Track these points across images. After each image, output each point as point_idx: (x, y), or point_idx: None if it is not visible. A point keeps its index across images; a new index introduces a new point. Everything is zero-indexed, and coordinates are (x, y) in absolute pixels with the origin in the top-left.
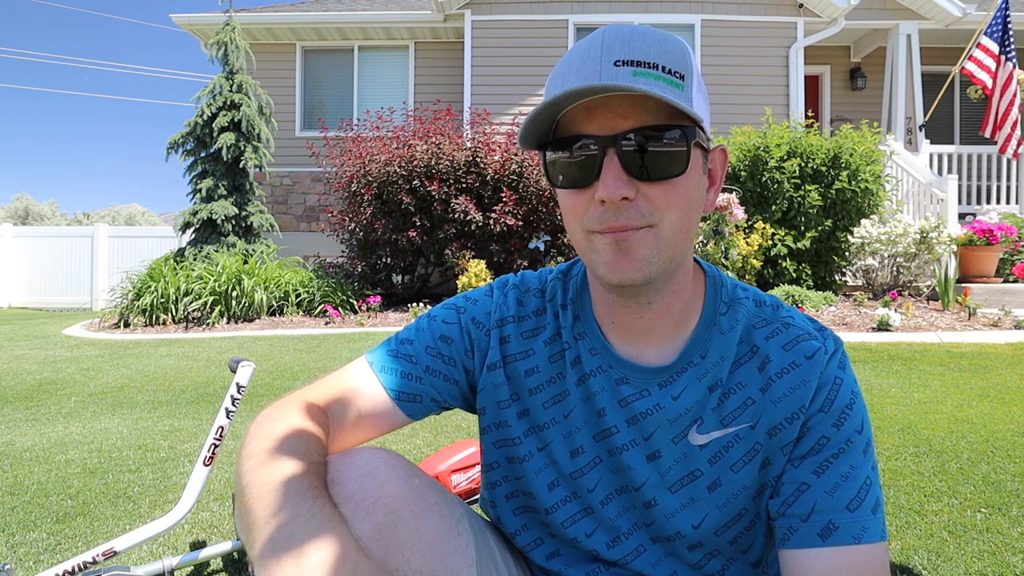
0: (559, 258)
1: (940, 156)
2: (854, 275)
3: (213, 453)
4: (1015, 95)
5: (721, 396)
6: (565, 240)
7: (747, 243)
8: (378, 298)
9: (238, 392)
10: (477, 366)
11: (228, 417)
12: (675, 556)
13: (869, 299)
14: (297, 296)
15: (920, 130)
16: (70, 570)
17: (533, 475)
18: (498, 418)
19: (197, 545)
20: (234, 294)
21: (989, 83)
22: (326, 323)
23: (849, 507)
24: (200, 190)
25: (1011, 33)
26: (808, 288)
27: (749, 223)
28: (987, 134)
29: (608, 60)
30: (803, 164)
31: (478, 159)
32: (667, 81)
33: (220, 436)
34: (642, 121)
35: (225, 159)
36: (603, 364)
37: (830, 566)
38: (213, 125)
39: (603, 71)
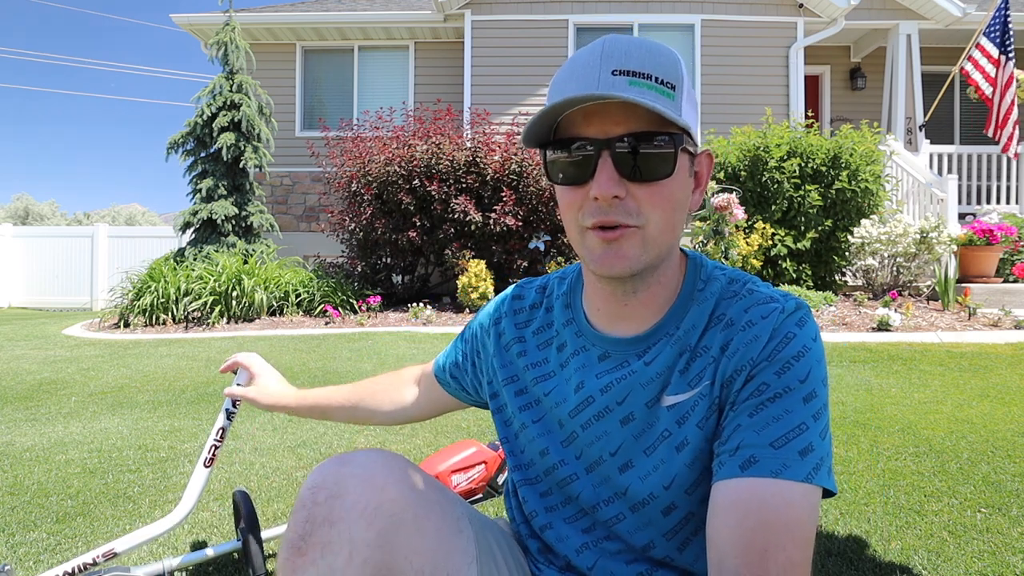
0: (559, 258)
1: (940, 156)
2: (854, 275)
3: (213, 455)
4: (1015, 95)
5: (688, 360)
6: (565, 240)
7: (747, 243)
8: (378, 298)
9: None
10: (486, 363)
11: (229, 419)
12: (651, 525)
13: (869, 299)
14: (297, 296)
15: (920, 130)
16: (70, 571)
17: (528, 444)
18: (499, 403)
19: (197, 545)
20: (234, 294)
21: (983, 84)
22: (326, 323)
23: (773, 444)
24: (200, 190)
25: (1011, 33)
26: (808, 288)
27: (749, 223)
28: (990, 134)
29: (607, 69)
30: (803, 164)
31: (478, 159)
32: (659, 91)
33: (221, 438)
34: (634, 127)
35: (225, 159)
36: (586, 344)
37: (742, 495)
38: (213, 125)
39: (601, 79)
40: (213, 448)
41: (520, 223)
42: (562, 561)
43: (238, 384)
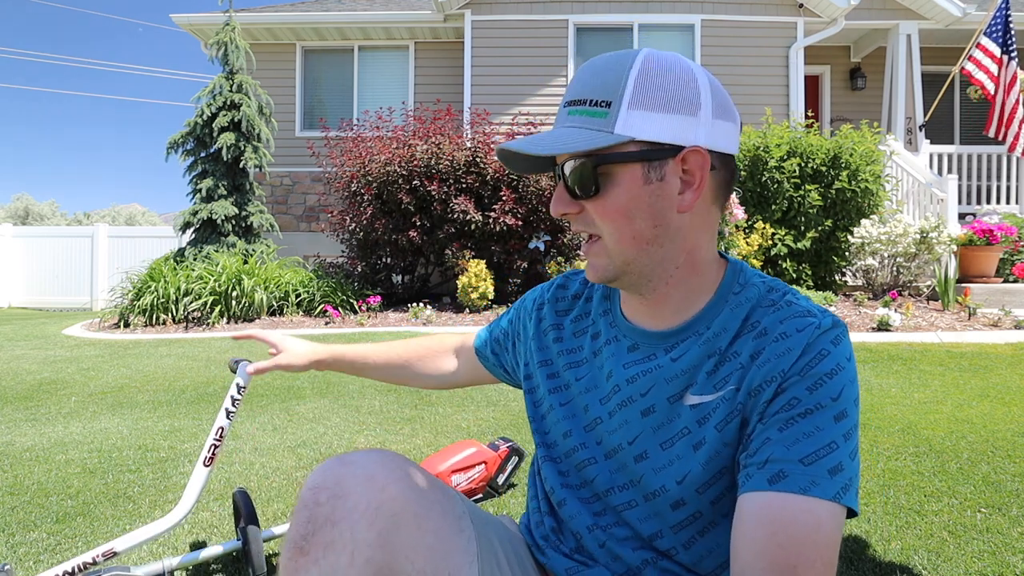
0: (559, 258)
1: (940, 156)
2: (854, 275)
3: (213, 454)
4: (1020, 94)
5: (716, 363)
6: (565, 240)
7: (747, 243)
8: (378, 298)
9: (238, 393)
10: (524, 344)
11: (228, 418)
12: (659, 516)
13: (869, 299)
14: (297, 296)
15: (920, 130)
16: (70, 571)
17: (553, 426)
18: (532, 384)
19: (197, 545)
20: (234, 294)
21: (987, 84)
22: (326, 323)
23: (803, 461)
24: (200, 190)
25: (1012, 33)
26: (808, 288)
27: (749, 223)
28: (991, 134)
29: (564, 101)
30: (803, 164)
31: (478, 159)
32: (590, 114)
33: (220, 437)
34: (569, 153)
35: (225, 159)
36: (618, 334)
37: (770, 509)
38: (213, 125)
39: (559, 114)
40: (213, 447)
41: (520, 223)
42: (572, 543)
43: (238, 383)
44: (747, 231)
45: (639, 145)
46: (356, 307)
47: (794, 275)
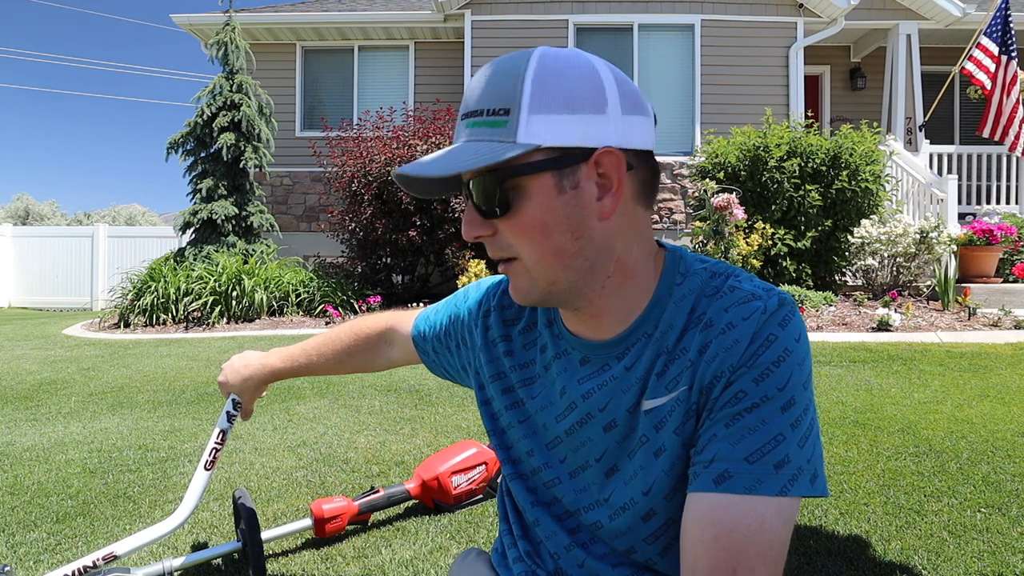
0: None
1: (940, 156)
2: (854, 275)
3: (214, 457)
4: (1020, 94)
5: (665, 362)
6: None
7: (747, 243)
8: (378, 298)
9: (240, 396)
10: (471, 352)
11: (229, 421)
12: (632, 531)
13: (869, 299)
14: (297, 296)
15: (920, 130)
16: (70, 574)
17: (516, 443)
18: (485, 396)
19: (197, 546)
20: (234, 294)
21: (987, 84)
22: (326, 323)
23: (748, 458)
24: (200, 190)
25: (1012, 32)
26: (808, 288)
27: (749, 223)
28: (985, 134)
29: (461, 114)
30: (803, 164)
31: None
32: (488, 124)
33: (221, 441)
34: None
35: (225, 159)
36: (567, 347)
37: (714, 512)
38: (213, 125)
39: (458, 129)
40: (214, 451)
41: None
42: (550, 565)
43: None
44: (747, 231)
45: (546, 152)
46: (356, 307)
47: (794, 275)
